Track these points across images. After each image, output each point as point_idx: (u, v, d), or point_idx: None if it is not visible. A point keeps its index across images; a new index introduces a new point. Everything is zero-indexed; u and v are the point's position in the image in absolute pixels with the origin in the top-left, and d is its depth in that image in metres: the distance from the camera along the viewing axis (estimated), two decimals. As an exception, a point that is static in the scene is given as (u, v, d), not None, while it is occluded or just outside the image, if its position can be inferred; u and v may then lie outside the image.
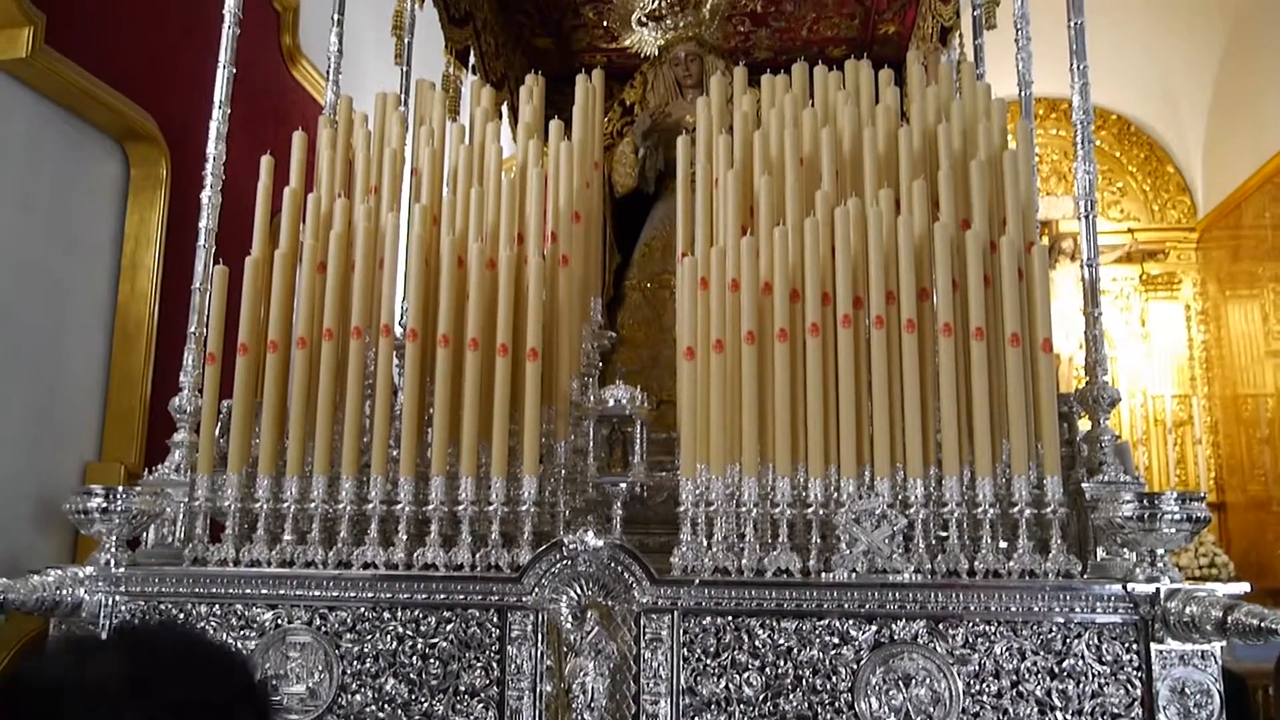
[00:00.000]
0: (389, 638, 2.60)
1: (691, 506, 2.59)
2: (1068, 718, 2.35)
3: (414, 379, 2.76)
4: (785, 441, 2.55)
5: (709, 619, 2.48)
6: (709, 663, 2.46)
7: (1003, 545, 2.51)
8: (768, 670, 2.45)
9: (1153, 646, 2.33)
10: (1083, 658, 2.37)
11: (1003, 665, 2.38)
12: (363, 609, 2.62)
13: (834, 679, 2.42)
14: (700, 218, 2.89)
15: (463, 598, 2.59)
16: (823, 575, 2.47)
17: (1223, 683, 2.32)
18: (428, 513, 2.68)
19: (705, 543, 2.56)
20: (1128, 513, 2.32)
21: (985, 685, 2.38)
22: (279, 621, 2.65)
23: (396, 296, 2.93)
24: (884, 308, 2.59)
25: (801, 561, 2.49)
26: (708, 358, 2.64)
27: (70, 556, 3.94)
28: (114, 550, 2.70)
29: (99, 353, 4.26)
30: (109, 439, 4.22)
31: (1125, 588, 2.35)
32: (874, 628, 2.43)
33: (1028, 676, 2.38)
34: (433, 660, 2.58)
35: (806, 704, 2.42)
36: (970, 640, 2.40)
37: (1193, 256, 10.00)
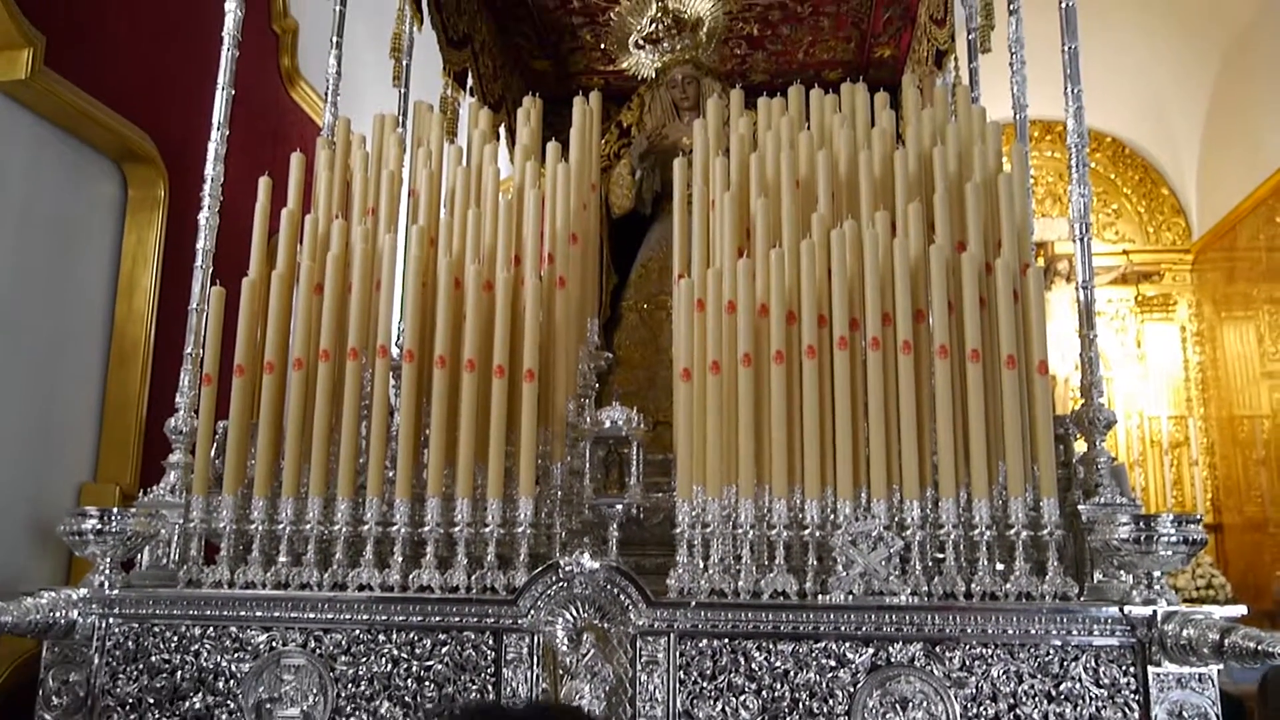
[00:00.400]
0: (384, 660, 2.59)
1: (688, 528, 2.59)
2: (1065, 741, 2.35)
3: (410, 400, 2.75)
4: (782, 463, 2.55)
5: (705, 642, 2.47)
6: (705, 686, 2.45)
7: (999, 567, 2.50)
8: (764, 693, 2.43)
9: (1150, 669, 2.32)
10: (1080, 680, 2.36)
11: (1000, 688, 2.38)
12: (358, 631, 2.61)
13: (831, 702, 2.41)
14: (697, 239, 2.90)
15: (458, 620, 2.58)
16: (819, 597, 2.46)
17: (1220, 705, 2.31)
18: (423, 534, 2.68)
19: (702, 565, 2.55)
20: (1124, 535, 2.32)
21: (983, 708, 2.37)
22: (273, 644, 2.64)
23: (393, 318, 2.93)
24: (880, 329, 2.59)
25: (798, 583, 2.49)
26: (704, 379, 2.64)
27: (65, 578, 3.93)
28: (108, 572, 2.69)
29: (95, 373, 4.26)
30: (104, 460, 4.21)
31: (1122, 610, 2.35)
32: (871, 650, 2.42)
33: (1025, 700, 2.37)
34: (428, 683, 2.56)
35: (803, 727, 2.41)
36: (967, 663, 2.39)
37: (1188, 278, 10.03)
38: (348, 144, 3.22)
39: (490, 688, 2.53)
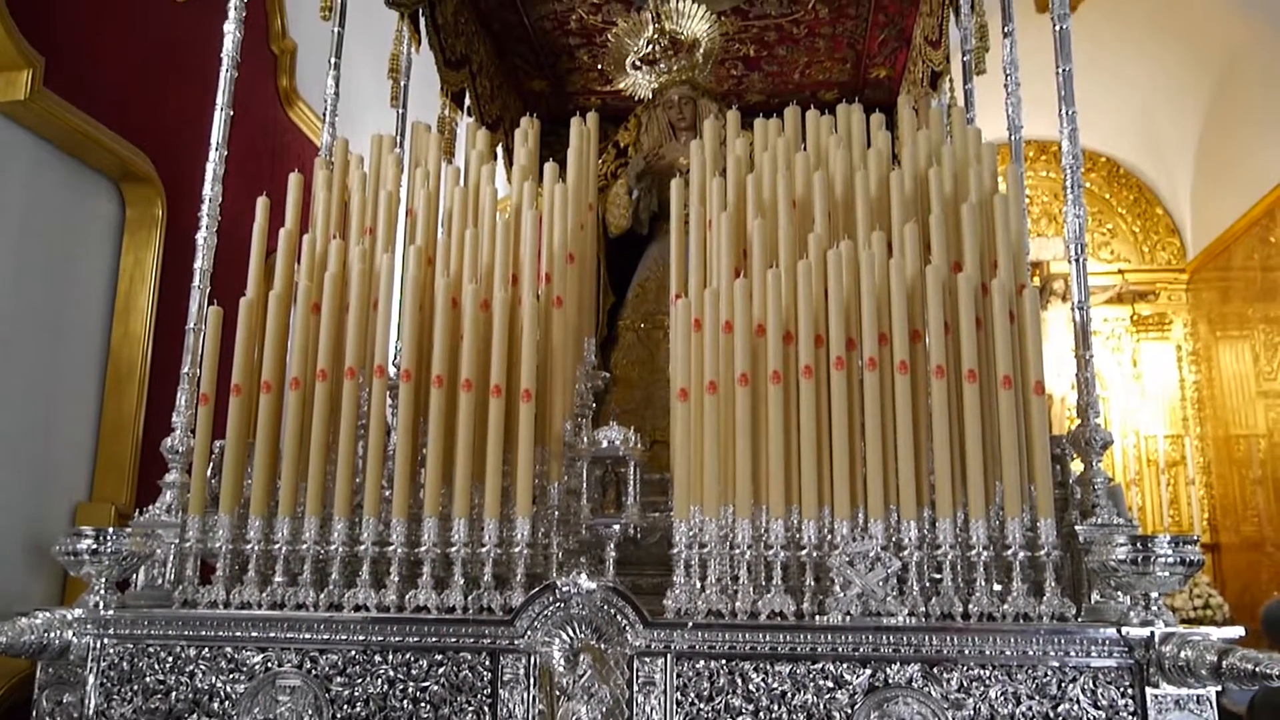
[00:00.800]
0: (380, 681, 2.58)
1: (685, 549, 2.58)
2: (1064, 763, 2.34)
3: (407, 420, 2.75)
4: (779, 483, 2.55)
5: (703, 662, 2.46)
6: (703, 707, 2.44)
7: (997, 588, 2.50)
8: (762, 714, 2.42)
9: (1148, 690, 2.32)
10: (1078, 702, 2.36)
11: (998, 710, 2.37)
12: (354, 652, 2.60)
13: (828, 723, 2.40)
14: (694, 259, 2.91)
15: (454, 641, 2.57)
16: (817, 618, 2.46)
17: (1220, 727, 2.31)
18: (420, 554, 2.67)
19: (699, 585, 2.55)
20: (1121, 556, 2.32)
21: (981, 730, 2.36)
22: (269, 664, 2.62)
23: (390, 337, 2.93)
24: (877, 350, 2.60)
25: (795, 604, 2.48)
26: (701, 399, 2.64)
27: (59, 598, 3.91)
28: (103, 592, 2.68)
29: (92, 392, 4.26)
30: (100, 479, 4.21)
31: (1120, 631, 2.34)
32: (868, 671, 2.41)
33: (1023, 721, 2.36)
34: (424, 704, 2.55)
35: (801, 749, 2.40)
36: (965, 684, 2.39)
37: (1183, 297, 10.07)
38: (346, 164, 3.23)
39: (487, 709, 2.52)
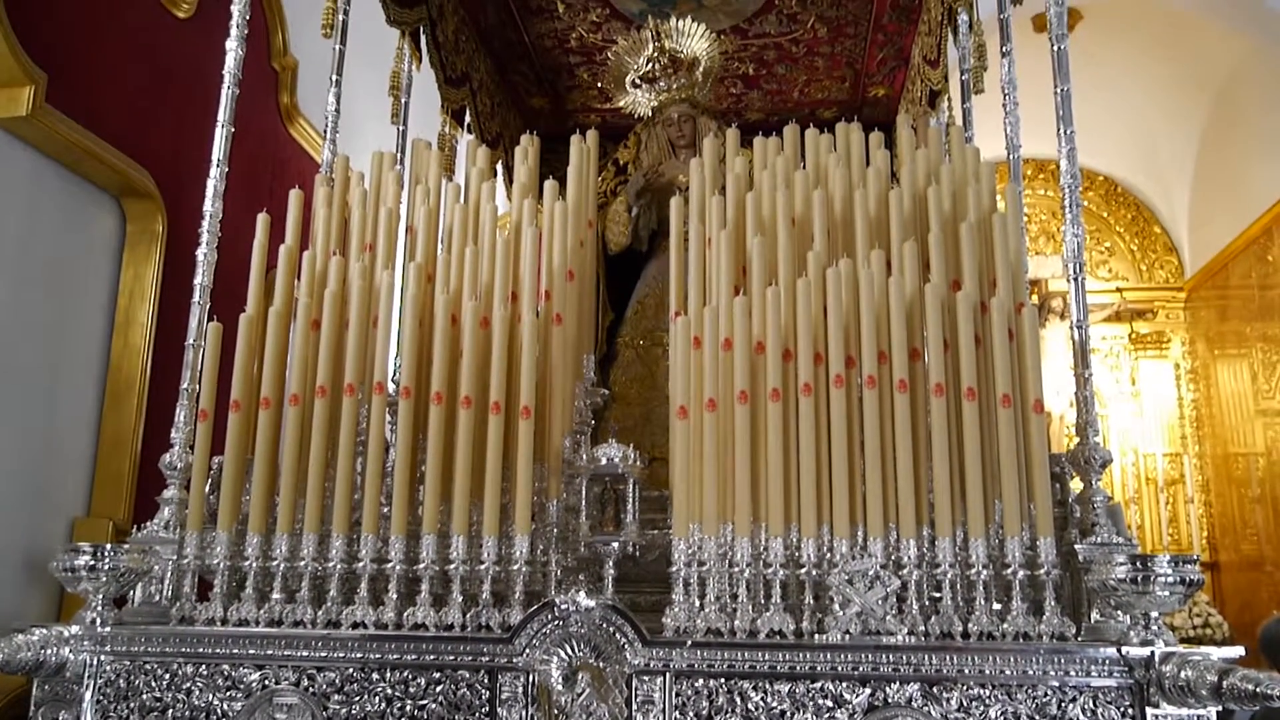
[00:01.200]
0: (378, 699, 2.56)
1: (684, 566, 2.58)
2: (1064, 783, 2.32)
3: (406, 436, 2.75)
4: (778, 501, 2.54)
5: (701, 681, 2.45)
6: (701, 726, 2.43)
7: (996, 607, 2.49)
8: (761, 734, 2.41)
9: (1148, 711, 2.31)
10: (1078, 722, 2.35)
11: (998, 729, 2.36)
12: (351, 669, 2.59)
13: (828, 743, 2.39)
14: (693, 277, 2.91)
15: (453, 658, 2.55)
16: (816, 637, 2.45)
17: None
18: (418, 571, 2.66)
19: (698, 603, 2.54)
20: (1121, 575, 2.31)
21: (981, 750, 2.35)
22: (266, 682, 2.61)
23: (390, 354, 2.93)
24: (876, 367, 2.60)
25: (795, 623, 2.47)
26: (701, 417, 2.64)
27: (56, 614, 3.90)
28: (100, 609, 2.67)
29: (90, 407, 4.25)
30: (98, 495, 4.20)
31: (1120, 651, 2.34)
32: (868, 691, 2.40)
33: (1023, 741, 2.35)
34: (421, 722, 2.54)
35: (800, 769, 2.39)
36: (965, 704, 2.38)
37: (1181, 315, 10.08)
38: (346, 181, 3.24)
39: (484, 728, 2.50)
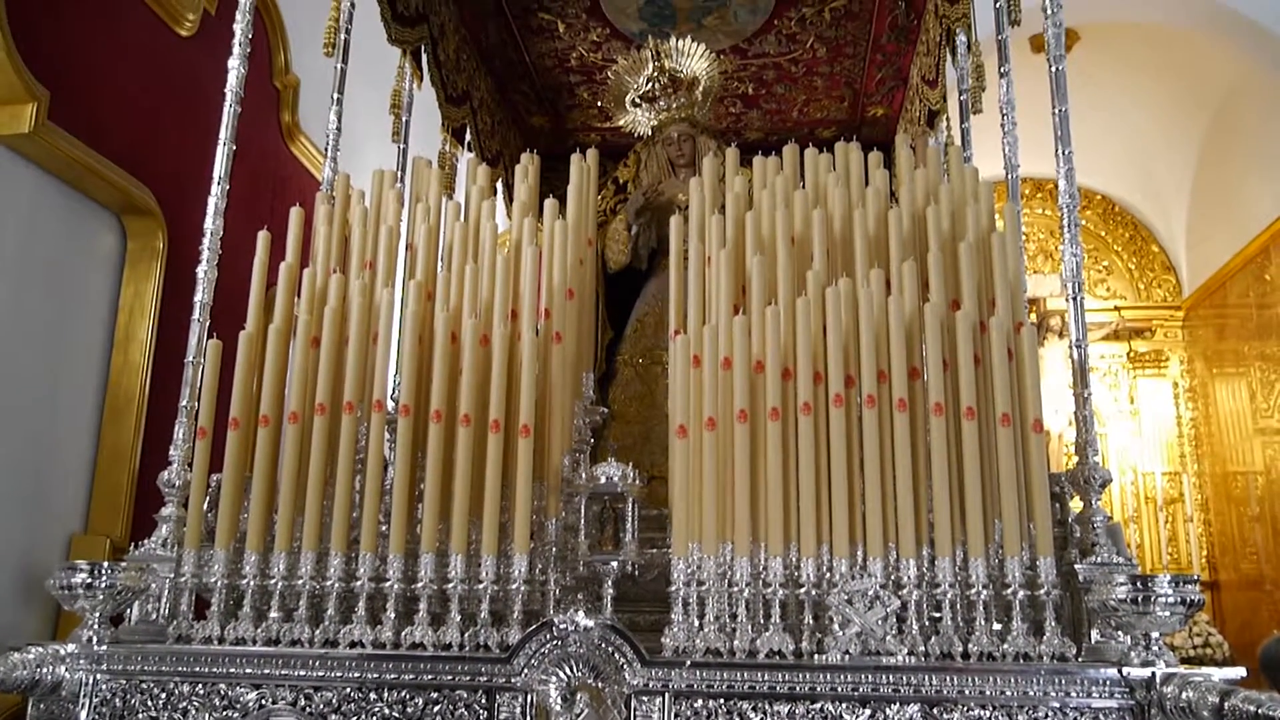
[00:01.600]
0: (375, 719, 2.55)
1: (683, 586, 2.57)
2: (1065, 806, 2.31)
3: (405, 454, 2.74)
4: (778, 520, 2.54)
5: (701, 702, 2.44)
6: (700, 747, 2.42)
7: (996, 627, 2.48)
8: (760, 755, 2.40)
9: (1150, 732, 2.30)
10: (1079, 743, 2.34)
11: (998, 751, 2.35)
12: (349, 689, 2.57)
13: (828, 764, 2.38)
14: (693, 295, 2.92)
15: (450, 678, 2.54)
16: (816, 657, 2.44)
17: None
18: (416, 590, 2.65)
19: (697, 623, 2.53)
20: (1121, 595, 2.31)
21: (981, 771, 2.34)
22: (263, 701, 2.60)
23: (389, 372, 2.93)
24: (875, 387, 2.60)
25: (794, 643, 2.46)
26: (700, 436, 2.64)
27: (52, 633, 3.88)
28: (96, 627, 2.65)
29: (89, 424, 4.25)
30: (96, 512, 4.19)
31: (1121, 672, 2.33)
32: (868, 712, 2.39)
33: (1024, 763, 2.34)
34: (419, 743, 2.53)
35: (800, 790, 2.37)
36: (965, 725, 2.37)
37: (1179, 334, 10.10)
38: (346, 199, 3.24)
39: (482, 748, 2.49)
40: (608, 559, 2.71)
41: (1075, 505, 2.81)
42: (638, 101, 4.66)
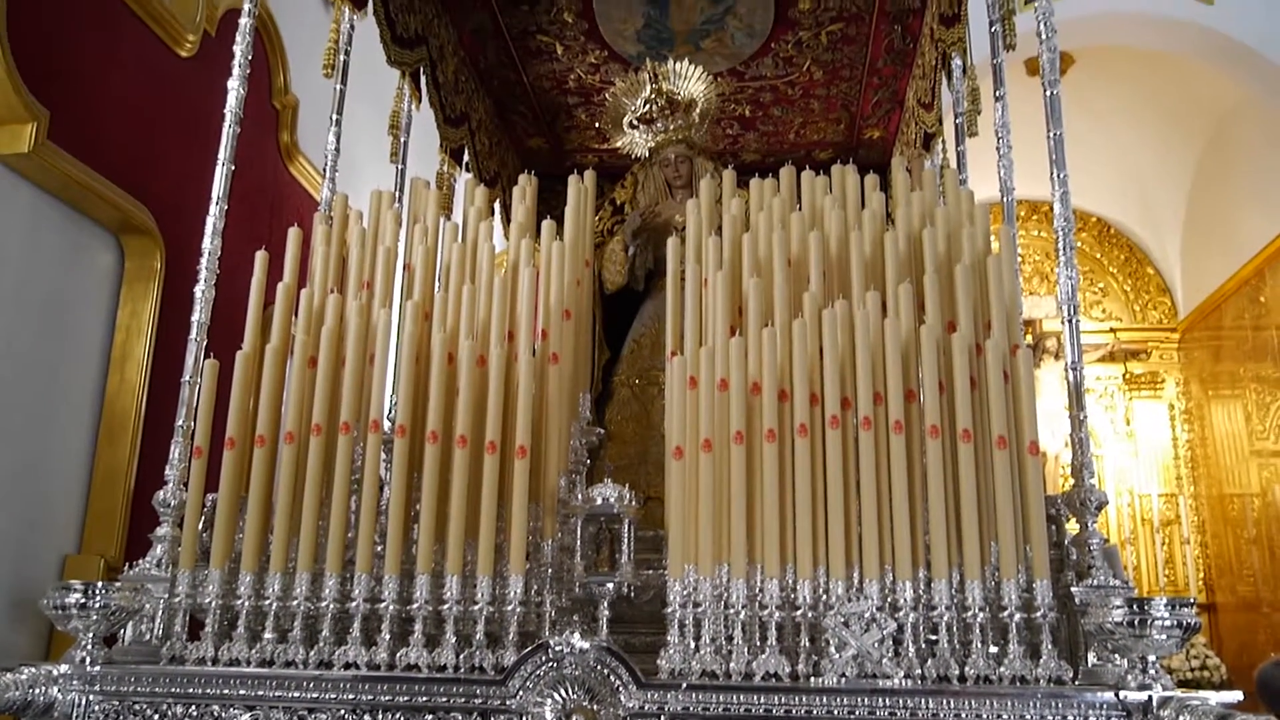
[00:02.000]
0: (369, 741, 2.54)
1: (679, 608, 2.56)
2: (1062, 830, 2.30)
3: (401, 475, 2.74)
4: (774, 542, 2.53)
5: (696, 725, 2.43)
6: (696, 770, 2.41)
7: (993, 650, 2.48)
8: (756, 778, 2.39)
9: (1147, 757, 2.29)
10: (1076, 768, 2.33)
11: (995, 775, 2.34)
12: (343, 711, 2.56)
13: (824, 788, 2.37)
14: (690, 317, 2.92)
15: (445, 700, 2.53)
16: (812, 680, 2.43)
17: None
18: (412, 611, 2.64)
19: (693, 645, 2.52)
20: (1118, 618, 2.30)
21: (978, 796, 2.33)
22: (256, 723, 2.59)
23: (386, 392, 2.93)
24: (872, 409, 2.60)
25: (790, 665, 2.45)
26: (696, 457, 2.64)
27: (45, 653, 3.86)
28: (90, 648, 2.64)
29: (84, 443, 4.24)
30: (90, 531, 4.17)
31: (1118, 695, 2.32)
32: (864, 735, 2.38)
33: (1021, 787, 2.33)
34: (413, 765, 2.51)
35: (796, 814, 2.36)
36: (962, 748, 2.36)
37: (1175, 356, 10.12)
38: (345, 219, 3.25)
39: (477, 771, 2.48)
40: (603, 580, 2.71)
41: (1072, 527, 2.81)
42: (635, 123, 4.68)
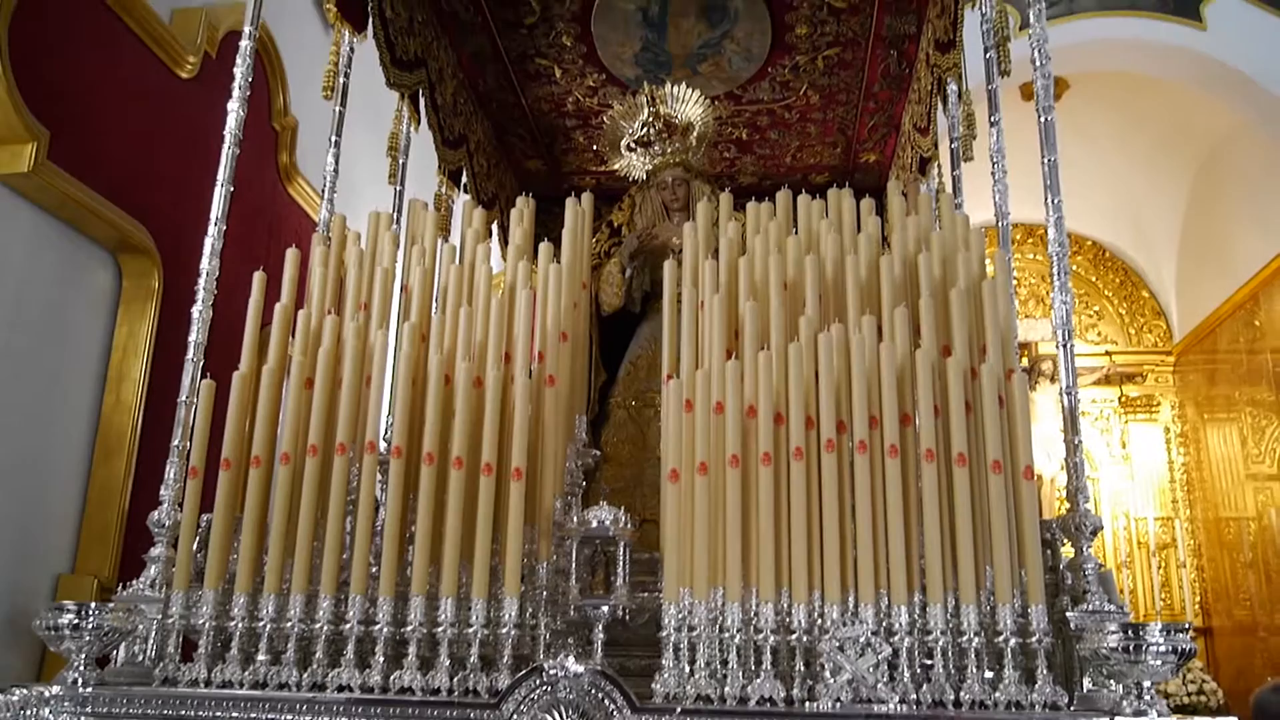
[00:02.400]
0: (362, 765, 2.52)
1: (674, 631, 2.55)
2: None
3: (397, 496, 2.74)
4: (769, 566, 2.53)
5: (691, 749, 2.42)
6: (690, 795, 2.39)
7: (988, 675, 2.47)
8: (751, 804, 2.38)
9: (1143, 783, 2.28)
10: (1072, 794, 2.32)
11: (991, 801, 2.33)
12: (336, 734, 2.55)
13: (819, 814, 2.35)
14: (686, 340, 2.93)
15: (439, 723, 2.52)
16: (807, 704, 2.42)
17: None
18: (406, 634, 2.63)
19: (688, 669, 2.51)
20: (1113, 644, 2.30)
21: (973, 822, 2.32)
22: (249, 746, 2.57)
23: (382, 413, 2.93)
24: (867, 432, 2.61)
25: (785, 690, 2.45)
26: (692, 480, 2.64)
27: (37, 674, 3.84)
28: (82, 669, 2.63)
29: (79, 462, 4.23)
30: (84, 551, 4.16)
31: (1113, 721, 2.32)
32: (859, 760, 2.37)
33: (1016, 813, 2.32)
34: (406, 789, 2.50)
35: (790, 840, 2.35)
36: (957, 774, 2.35)
37: (1170, 379, 10.14)
38: (342, 240, 3.26)
39: (470, 795, 2.46)
40: (598, 603, 2.70)
41: (1067, 551, 2.81)
42: (633, 146, 4.70)
